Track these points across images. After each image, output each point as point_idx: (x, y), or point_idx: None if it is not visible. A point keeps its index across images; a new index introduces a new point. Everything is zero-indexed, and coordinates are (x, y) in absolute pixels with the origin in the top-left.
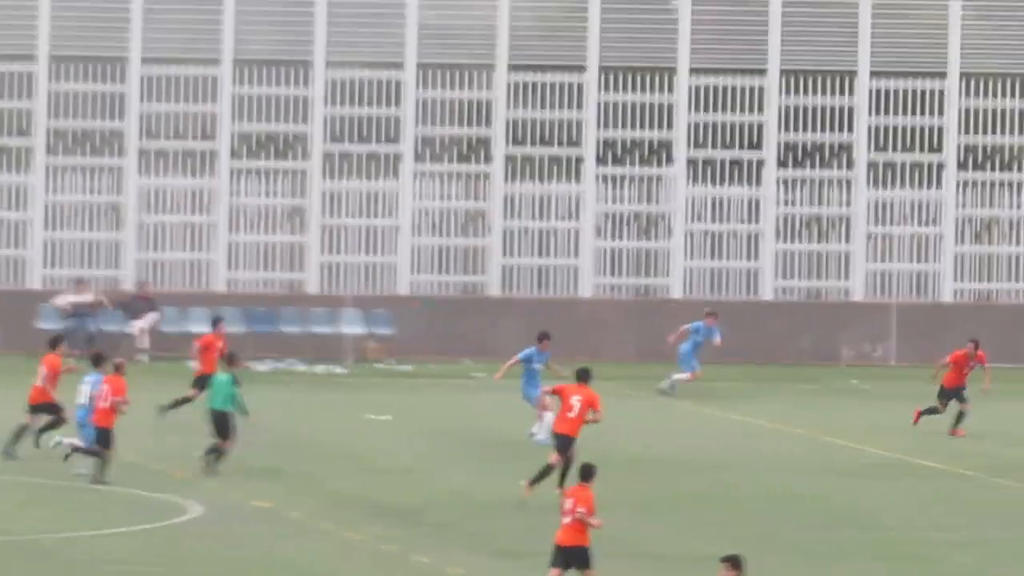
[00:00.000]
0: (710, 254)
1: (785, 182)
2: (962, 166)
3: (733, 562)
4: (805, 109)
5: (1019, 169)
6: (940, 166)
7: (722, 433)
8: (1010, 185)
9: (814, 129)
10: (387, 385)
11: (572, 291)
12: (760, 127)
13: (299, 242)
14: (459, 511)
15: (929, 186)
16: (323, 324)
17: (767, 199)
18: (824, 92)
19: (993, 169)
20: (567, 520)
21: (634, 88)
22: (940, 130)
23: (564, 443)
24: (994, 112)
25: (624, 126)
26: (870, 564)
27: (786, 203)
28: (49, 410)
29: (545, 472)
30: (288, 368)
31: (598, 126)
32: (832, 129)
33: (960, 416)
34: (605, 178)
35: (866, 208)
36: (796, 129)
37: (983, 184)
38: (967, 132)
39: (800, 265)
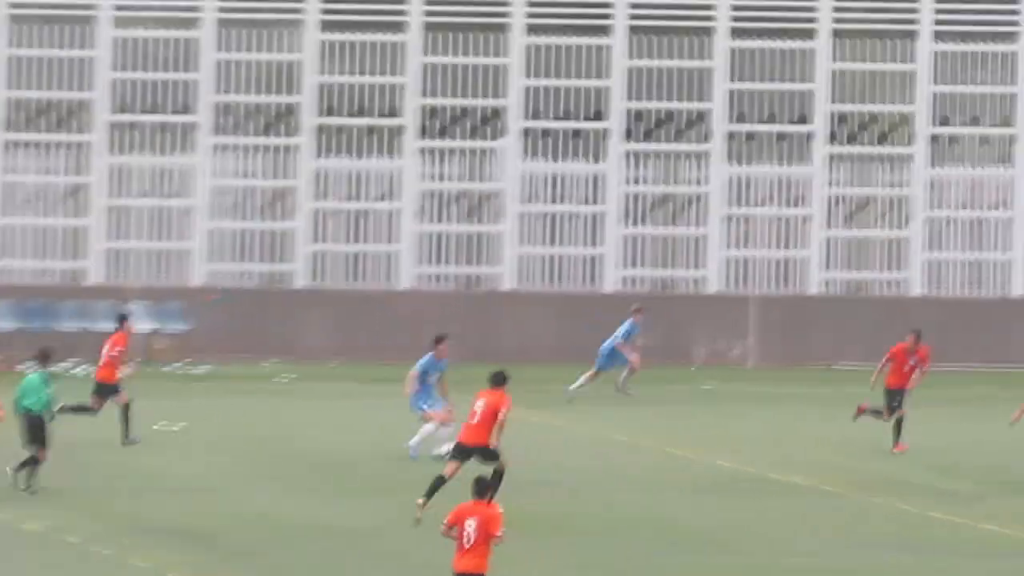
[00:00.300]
0: (547, 239)
1: (632, 156)
2: (833, 138)
3: None
4: (655, 73)
5: (897, 142)
6: (808, 138)
7: (558, 446)
8: (887, 160)
9: (666, 96)
10: (179, 389)
11: (390, 281)
12: (604, 93)
13: (79, 225)
14: (261, 535)
15: (795, 161)
16: (106, 319)
17: (611, 176)
18: (677, 53)
19: (868, 142)
20: (467, 544)
21: (463, 49)
22: (808, 97)
23: (461, 453)
24: (870, 77)
25: (450, 92)
26: None
27: (633, 180)
28: None
29: (436, 484)
30: (64, 371)
31: (421, 93)
32: (686, 96)
33: (897, 426)
34: (428, 152)
35: (723, 186)
36: (644, 96)
37: (856, 158)
38: (838, 99)
39: (648, 251)
